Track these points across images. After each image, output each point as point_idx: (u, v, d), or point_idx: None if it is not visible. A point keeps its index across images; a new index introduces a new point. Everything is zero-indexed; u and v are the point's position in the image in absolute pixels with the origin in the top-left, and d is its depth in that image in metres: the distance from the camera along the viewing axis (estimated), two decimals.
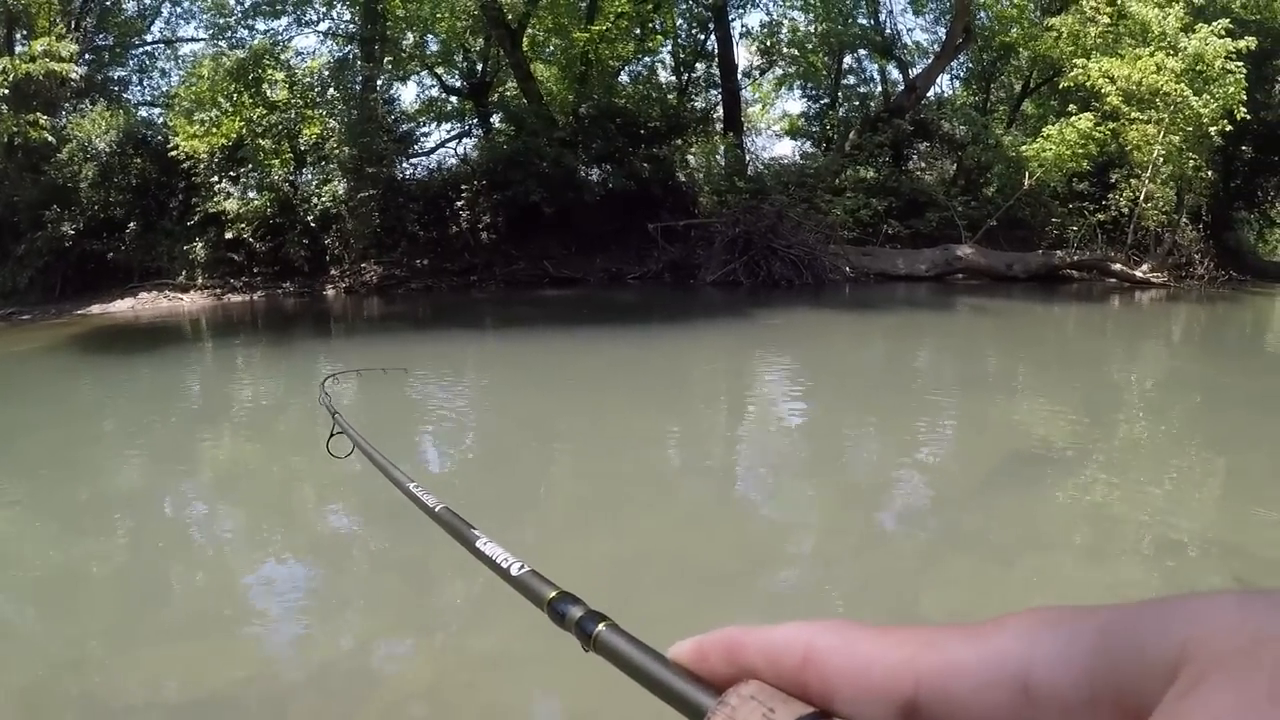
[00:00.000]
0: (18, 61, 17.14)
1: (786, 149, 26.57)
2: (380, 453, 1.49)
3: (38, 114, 17.73)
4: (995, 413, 7.87)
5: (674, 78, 23.77)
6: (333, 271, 19.41)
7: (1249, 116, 16.33)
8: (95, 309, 17.56)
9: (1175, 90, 16.19)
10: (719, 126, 22.43)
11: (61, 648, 3.79)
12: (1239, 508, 5.23)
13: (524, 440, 7.37)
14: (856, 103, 23.95)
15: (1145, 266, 18.19)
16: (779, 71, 25.40)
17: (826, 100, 24.17)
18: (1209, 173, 18.82)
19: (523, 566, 0.70)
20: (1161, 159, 17.58)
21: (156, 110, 22.10)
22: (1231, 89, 16.00)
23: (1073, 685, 0.26)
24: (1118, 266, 18.17)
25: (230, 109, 18.30)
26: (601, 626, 0.51)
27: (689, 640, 0.38)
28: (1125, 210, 18.69)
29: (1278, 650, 0.22)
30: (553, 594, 0.61)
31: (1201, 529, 4.71)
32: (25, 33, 19.60)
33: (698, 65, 23.73)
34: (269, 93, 18.56)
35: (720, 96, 23.13)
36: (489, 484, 6.36)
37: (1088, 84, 17.26)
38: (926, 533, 5.16)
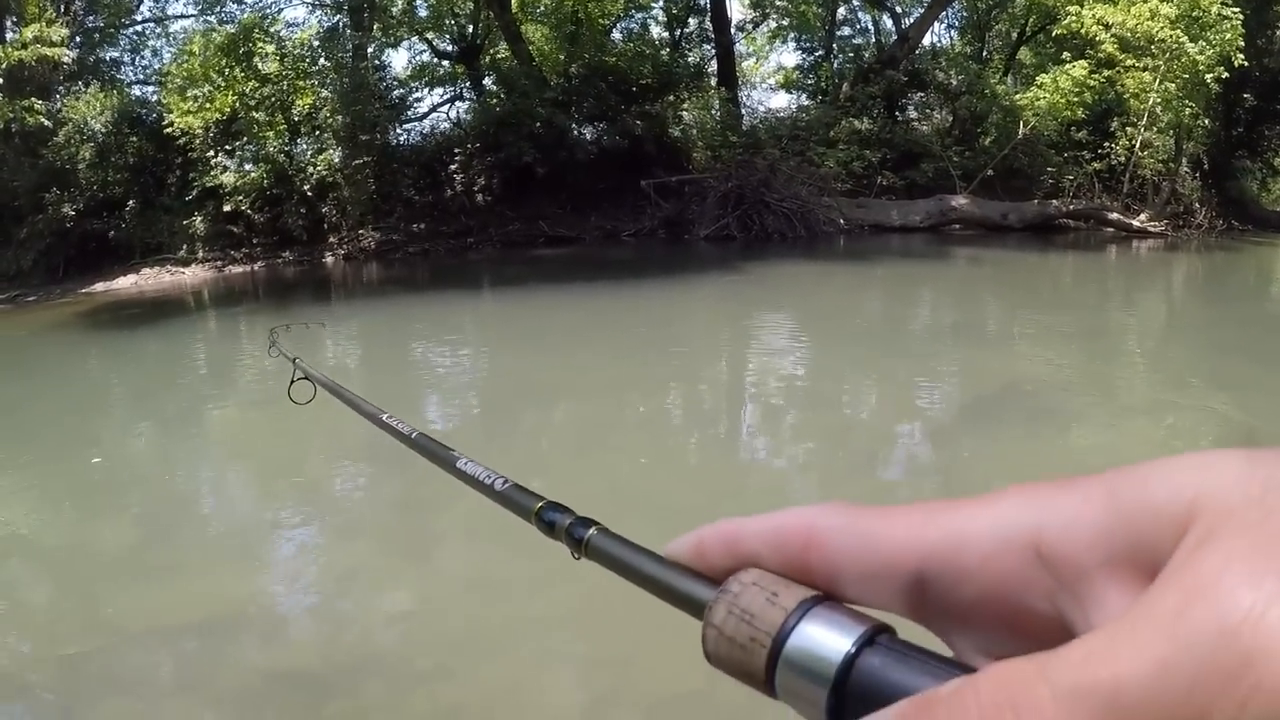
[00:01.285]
0: (10, 49, 17.20)
1: (782, 102, 26.45)
2: (347, 390, 1.46)
3: (33, 99, 17.78)
4: (991, 362, 7.96)
5: (666, 33, 23.61)
6: (331, 239, 19.52)
7: (1248, 64, 16.14)
8: (99, 287, 17.73)
9: (1171, 37, 16.00)
10: (713, 81, 22.33)
11: (76, 587, 4.06)
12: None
13: (521, 390, 7.57)
14: (851, 54, 23.82)
15: (1143, 215, 18.13)
16: (772, 24, 25.22)
17: (821, 52, 24.03)
18: (1206, 121, 18.64)
19: (505, 481, 0.70)
20: (1159, 107, 17.44)
21: (150, 89, 22.17)
22: (1228, 35, 15.79)
23: (1087, 545, 0.26)
24: (1114, 216, 18.11)
25: (223, 84, 18.34)
26: (592, 531, 0.50)
27: (685, 536, 0.37)
28: (1122, 159, 18.58)
29: None
30: (539, 504, 0.60)
31: None
32: (15, 19, 19.65)
33: (690, 20, 23.52)
34: (260, 66, 18.54)
35: (714, 51, 22.97)
36: (487, 430, 6.60)
37: (1082, 31, 17.08)
38: (917, 475, 5.34)
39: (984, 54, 23.59)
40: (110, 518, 5.10)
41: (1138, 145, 18.10)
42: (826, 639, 0.30)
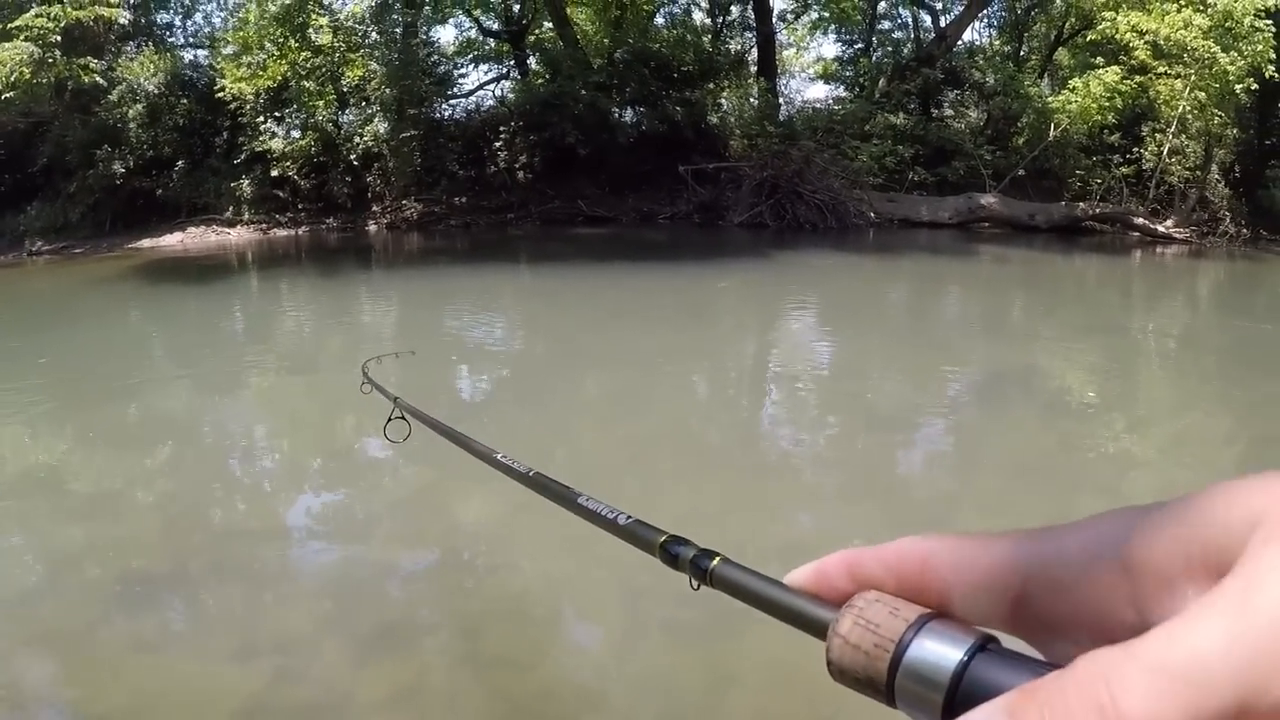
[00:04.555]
0: (68, 8, 17.57)
1: (820, 92, 26.70)
2: (452, 427, 1.49)
3: (88, 58, 18.21)
4: (1012, 356, 8.26)
5: (709, 20, 23.91)
6: (374, 208, 20.11)
7: (1278, 76, 16.30)
8: (145, 243, 18.42)
9: (1203, 46, 16.21)
10: (753, 69, 22.66)
11: (119, 529, 4.67)
12: (1247, 450, 5.59)
13: (557, 359, 8.08)
14: (890, 49, 23.99)
15: (1169, 222, 18.33)
16: (814, 15, 25.47)
17: (860, 45, 24.21)
18: (1236, 130, 18.80)
19: (629, 517, 0.71)
20: (1189, 114, 17.65)
21: (201, 52, 22.65)
22: (1259, 47, 15.92)
23: (1167, 553, 0.29)
24: (1140, 220, 18.29)
25: (276, 53, 18.80)
26: (715, 562, 0.53)
27: (806, 566, 0.41)
28: (1151, 164, 18.81)
29: None
30: (663, 538, 0.63)
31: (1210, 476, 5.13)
32: None
33: (732, 8, 23.80)
34: (313, 37, 18.96)
35: (755, 39, 23.28)
36: (526, 393, 7.10)
37: (1116, 37, 17.31)
38: (936, 457, 5.72)
39: (1021, 54, 23.77)
40: (163, 455, 5.74)
41: (1166, 151, 18.33)
42: (943, 647, 0.34)
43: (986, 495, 4.90)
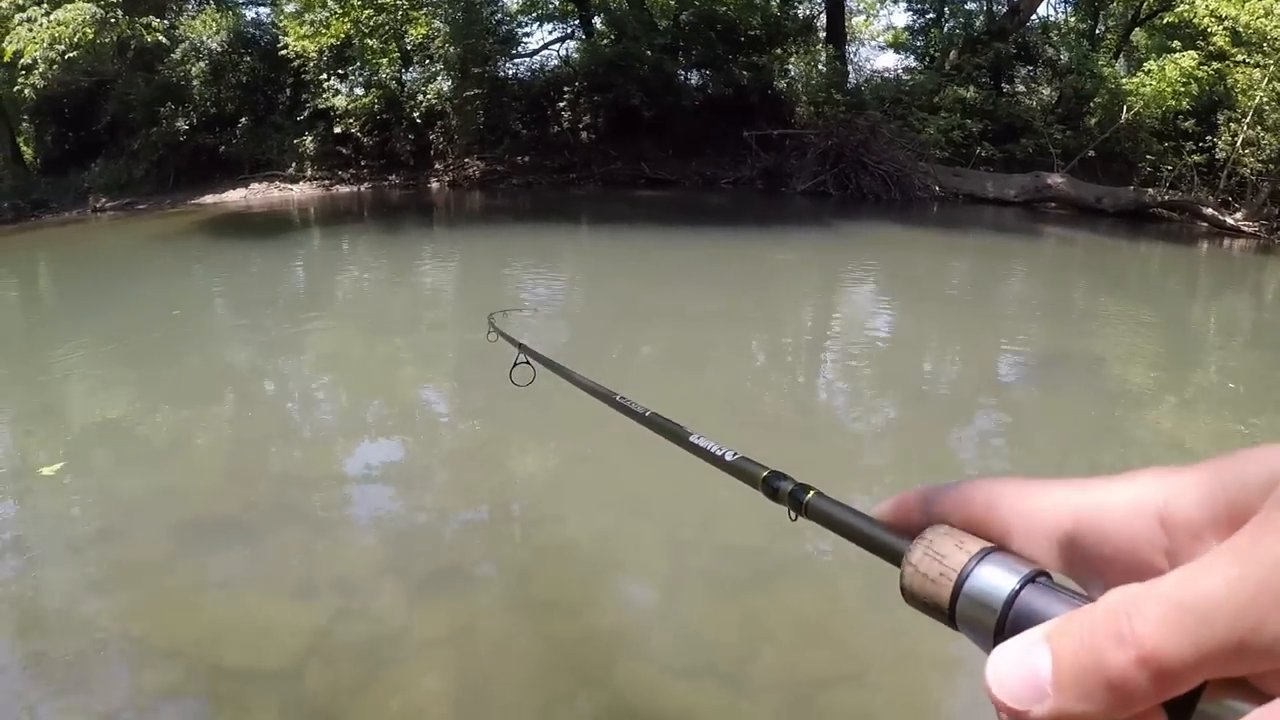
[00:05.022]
0: None
1: (889, 61, 26.39)
2: (577, 373, 1.53)
3: (150, 17, 18.38)
4: (1069, 338, 8.17)
5: None
6: (437, 166, 20.25)
7: None
8: (209, 199, 18.70)
9: None
10: (821, 35, 22.39)
11: (189, 475, 4.81)
12: None
13: (616, 318, 8.14)
14: (962, 20, 23.52)
15: (1239, 214, 17.92)
16: None
17: (932, 15, 23.79)
18: None
19: (735, 453, 0.76)
20: (1266, 106, 17.21)
21: (263, 10, 22.81)
22: None
23: (1197, 509, 0.34)
24: (1209, 211, 17.88)
25: (339, 10, 18.83)
26: (811, 494, 0.58)
27: (887, 500, 0.46)
28: (1224, 154, 18.39)
29: None
30: (765, 473, 0.67)
31: None
32: None
33: None
34: None
35: (824, 5, 22.94)
36: (584, 351, 7.16)
37: (1195, 21, 16.88)
38: (985, 427, 5.74)
39: (1096, 33, 23.26)
40: (229, 407, 5.93)
41: (1240, 142, 17.89)
42: (999, 577, 0.38)
43: (1033, 475, 4.87)
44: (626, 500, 4.17)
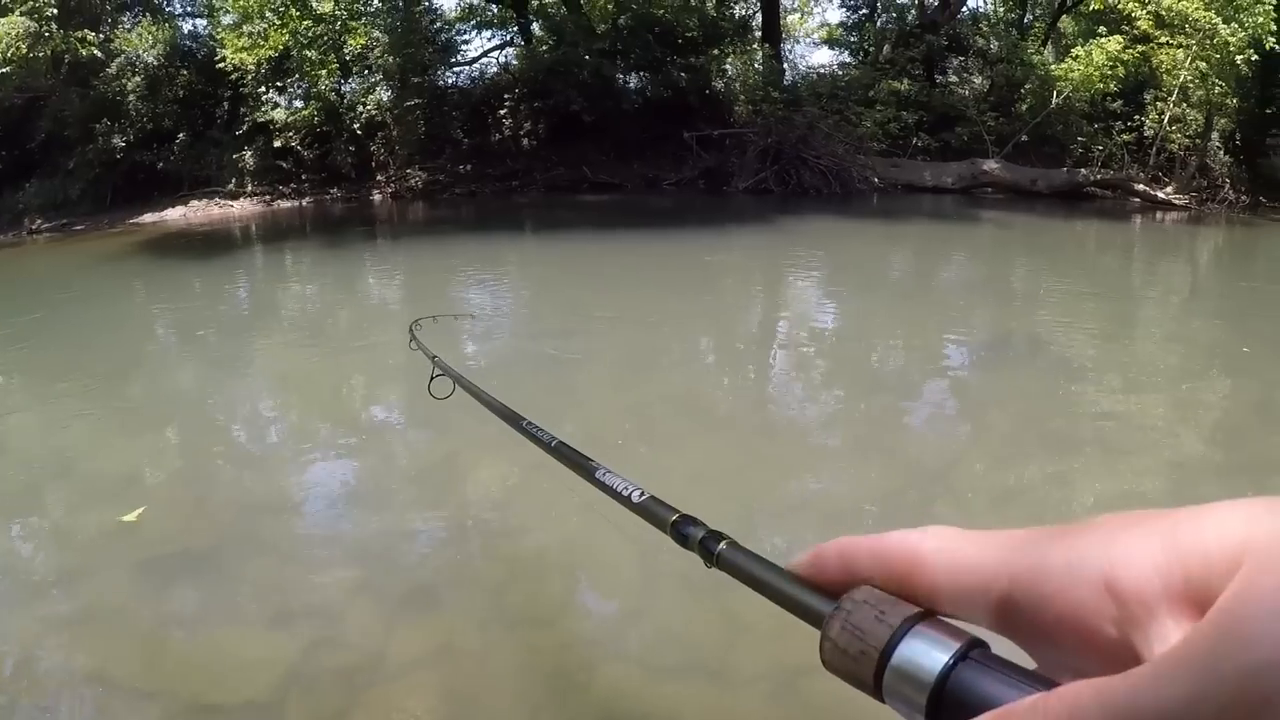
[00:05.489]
0: None
1: (825, 58, 26.65)
2: (486, 392, 1.50)
3: (85, 30, 17.99)
4: (1013, 318, 8.37)
5: None
6: (379, 177, 20.08)
7: (1279, 48, 16.28)
8: (148, 217, 18.25)
9: (1204, 17, 16.24)
10: (757, 35, 22.61)
11: (147, 507, 4.79)
12: (1246, 415, 5.64)
13: (564, 324, 8.12)
14: (894, 14, 23.92)
15: (1169, 188, 18.44)
16: None
17: (865, 11, 24.16)
18: (1235, 100, 18.84)
19: (643, 494, 0.72)
20: (1190, 84, 17.73)
21: (200, 22, 22.49)
22: (1260, 19, 15.88)
23: (1149, 580, 0.29)
24: (1141, 187, 18.39)
25: (277, 22, 18.57)
26: (723, 545, 0.54)
27: (805, 552, 0.43)
28: (1152, 132, 18.90)
29: None
30: (674, 517, 0.63)
31: (1209, 448, 5.09)
32: None
33: None
34: (314, 4, 18.77)
35: (759, 4, 23.15)
36: (533, 358, 7.16)
37: (1119, 6, 17.36)
38: (936, 416, 5.79)
39: (1025, 21, 23.76)
40: (179, 431, 5.83)
41: (1167, 120, 18.41)
42: (926, 653, 0.35)
43: (987, 455, 4.99)
44: (589, 506, 4.20)
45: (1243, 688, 0.24)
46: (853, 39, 24.33)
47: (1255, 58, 16.16)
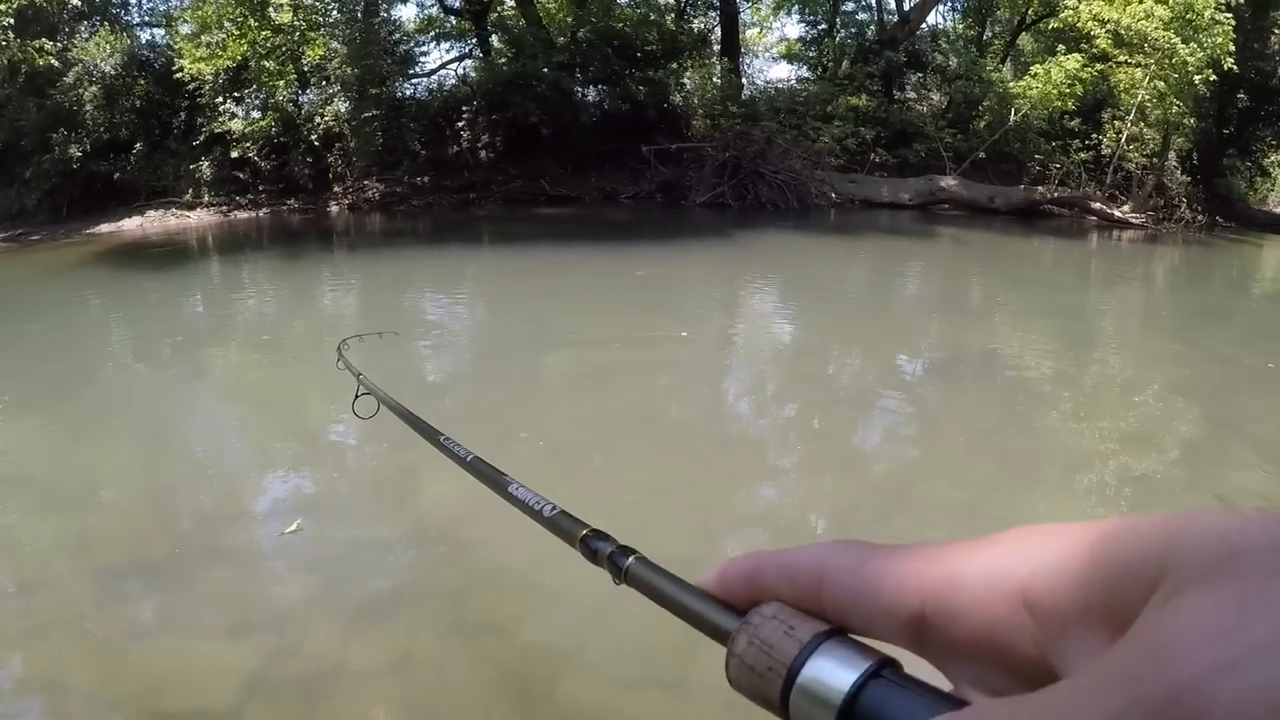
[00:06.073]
0: None
1: (783, 72, 26.79)
2: (406, 407, 1.52)
3: (42, 40, 17.84)
4: (968, 334, 8.38)
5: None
6: (336, 189, 19.93)
7: (1236, 69, 16.49)
8: (104, 228, 18.03)
9: (1163, 37, 16.40)
10: (716, 49, 22.67)
11: (100, 519, 4.68)
12: (1195, 427, 5.75)
13: (520, 338, 8.09)
14: (853, 30, 24.10)
15: (1126, 207, 18.62)
16: None
17: (824, 26, 24.31)
18: (1193, 120, 19.06)
19: (554, 508, 0.72)
20: (1148, 103, 17.90)
21: (158, 31, 22.30)
22: (1219, 39, 16.10)
23: (1067, 596, 0.28)
24: (1098, 205, 18.56)
25: (235, 32, 18.47)
26: (631, 560, 0.53)
27: (712, 569, 0.41)
28: (1109, 151, 19.07)
29: (1248, 562, 0.24)
30: (584, 532, 0.62)
31: (1162, 464, 5.13)
32: None
33: None
34: (273, 15, 18.66)
35: (718, 19, 23.28)
36: (489, 372, 7.12)
37: (1078, 25, 17.51)
38: (889, 432, 5.76)
39: (984, 39, 23.96)
40: (134, 444, 5.70)
41: (1125, 139, 18.59)
42: (835, 672, 0.33)
43: (942, 470, 4.97)
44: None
45: (1163, 709, 0.23)
46: (811, 54, 24.45)
47: (1213, 78, 16.35)
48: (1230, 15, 16.12)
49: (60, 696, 3.14)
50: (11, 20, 16.96)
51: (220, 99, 19.00)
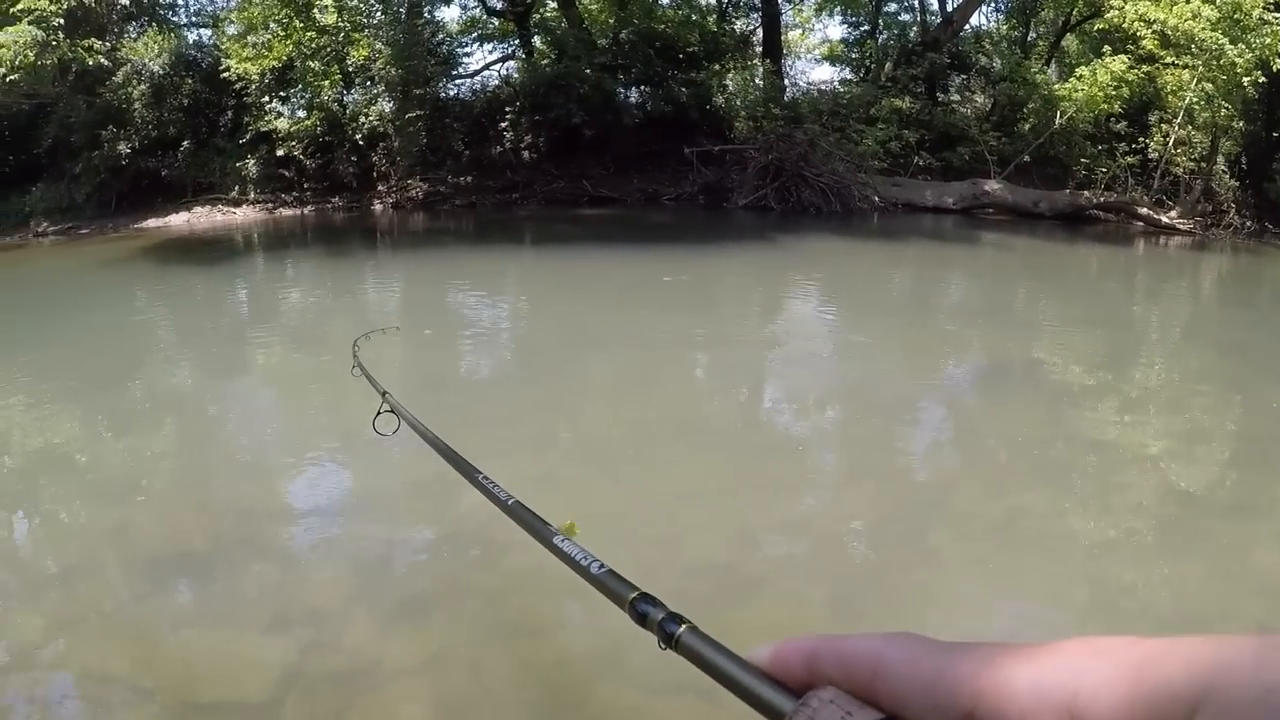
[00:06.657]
0: None
1: (826, 74, 26.57)
2: (433, 432, 1.42)
3: (91, 39, 18.14)
4: (1011, 343, 8.29)
5: (714, 0, 23.77)
6: (380, 187, 20.12)
7: None
8: (151, 223, 18.44)
9: (1211, 38, 16.11)
10: (758, 50, 22.59)
11: (145, 511, 4.77)
12: (1238, 445, 5.66)
13: (562, 339, 8.14)
14: (896, 31, 23.87)
15: (1173, 212, 18.30)
16: None
17: (867, 27, 24.10)
18: (1241, 122, 18.72)
19: (602, 566, 0.69)
20: (1196, 106, 17.62)
21: (205, 32, 22.59)
22: (1268, 40, 15.75)
23: (1112, 713, 0.30)
24: (1144, 210, 18.25)
25: (281, 33, 18.72)
26: (683, 629, 0.53)
27: (767, 646, 0.42)
28: (1156, 154, 18.78)
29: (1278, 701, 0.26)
30: (633, 595, 0.61)
31: (1206, 481, 5.10)
32: None
33: None
34: (319, 17, 18.84)
35: (760, 20, 23.18)
36: (529, 373, 7.17)
37: (1124, 26, 17.24)
38: (929, 444, 5.78)
39: (1028, 40, 23.69)
40: (178, 438, 5.84)
41: (1172, 142, 18.31)
42: None
43: (982, 481, 4.96)
44: (588, 521, 4.13)
45: None
46: (854, 56, 24.25)
47: (1262, 80, 16.02)
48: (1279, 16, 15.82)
49: (99, 684, 3.19)
50: (61, 20, 17.19)
51: (266, 98, 19.23)
